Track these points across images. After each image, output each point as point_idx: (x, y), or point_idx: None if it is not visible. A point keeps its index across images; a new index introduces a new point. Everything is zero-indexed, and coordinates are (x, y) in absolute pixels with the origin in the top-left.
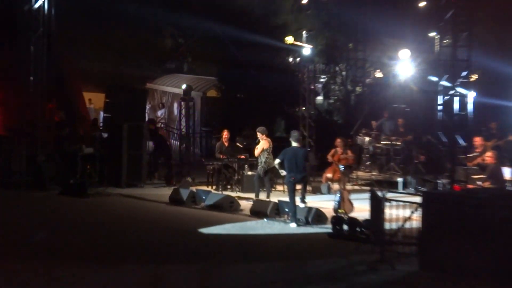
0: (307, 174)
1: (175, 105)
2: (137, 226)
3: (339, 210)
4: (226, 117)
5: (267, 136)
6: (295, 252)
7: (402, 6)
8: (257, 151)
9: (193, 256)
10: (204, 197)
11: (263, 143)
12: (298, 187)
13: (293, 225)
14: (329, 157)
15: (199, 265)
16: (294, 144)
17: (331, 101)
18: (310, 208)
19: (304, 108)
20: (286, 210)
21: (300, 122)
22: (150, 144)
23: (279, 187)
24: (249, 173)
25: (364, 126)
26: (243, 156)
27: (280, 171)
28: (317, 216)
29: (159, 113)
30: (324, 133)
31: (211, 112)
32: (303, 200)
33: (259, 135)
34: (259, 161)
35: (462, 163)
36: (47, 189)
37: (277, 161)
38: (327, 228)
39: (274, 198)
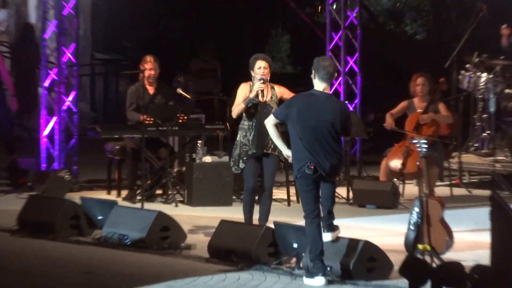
0: (343, 160)
1: (32, 1)
2: None
3: (419, 246)
4: (152, 29)
5: None
6: None
7: None
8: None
9: None
10: (101, 217)
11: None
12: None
13: (315, 281)
14: (389, 120)
15: None
16: (318, 86)
17: None
18: (351, 242)
19: (335, 7)
20: (296, 245)
21: (327, 40)
22: None
23: (277, 191)
24: (207, 159)
25: (477, 49)
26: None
27: (286, 154)
28: (368, 260)
29: None
30: (384, 64)
31: (114, 17)
32: (330, 226)
33: (262, 69)
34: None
35: None
36: None
37: (270, 119)
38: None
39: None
